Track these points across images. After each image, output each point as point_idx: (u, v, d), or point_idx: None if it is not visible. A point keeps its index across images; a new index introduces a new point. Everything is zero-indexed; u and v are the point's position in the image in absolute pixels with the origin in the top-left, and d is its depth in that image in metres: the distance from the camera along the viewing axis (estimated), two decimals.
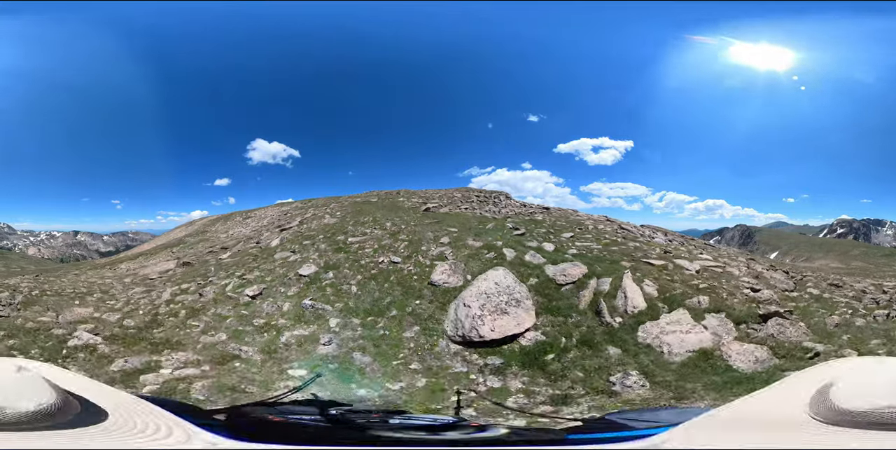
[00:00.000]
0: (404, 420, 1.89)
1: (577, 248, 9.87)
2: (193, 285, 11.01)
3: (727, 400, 4.99)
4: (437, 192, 28.56)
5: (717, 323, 7.06)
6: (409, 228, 12.68)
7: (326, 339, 6.65)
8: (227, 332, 7.61)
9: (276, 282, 9.58)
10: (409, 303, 7.64)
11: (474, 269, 8.20)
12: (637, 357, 6.03)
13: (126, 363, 6.76)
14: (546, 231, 12.27)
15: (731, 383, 5.41)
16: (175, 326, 8.24)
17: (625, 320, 6.81)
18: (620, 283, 7.52)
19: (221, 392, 5.33)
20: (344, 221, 16.28)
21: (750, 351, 6.37)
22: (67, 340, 7.70)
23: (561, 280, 7.81)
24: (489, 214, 19.78)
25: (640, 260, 9.27)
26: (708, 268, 10.04)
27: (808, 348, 6.58)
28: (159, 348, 7.33)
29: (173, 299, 10.10)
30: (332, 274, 9.39)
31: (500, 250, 8.95)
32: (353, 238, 12.10)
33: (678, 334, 6.56)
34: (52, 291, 11.85)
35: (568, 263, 8.38)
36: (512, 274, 7.54)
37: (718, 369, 5.87)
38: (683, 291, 7.84)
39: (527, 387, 5.47)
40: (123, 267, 21.88)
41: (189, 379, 5.83)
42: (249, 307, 8.59)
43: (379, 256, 9.92)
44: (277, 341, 6.97)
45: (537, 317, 6.79)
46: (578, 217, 18.21)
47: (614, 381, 5.47)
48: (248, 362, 6.30)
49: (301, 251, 11.79)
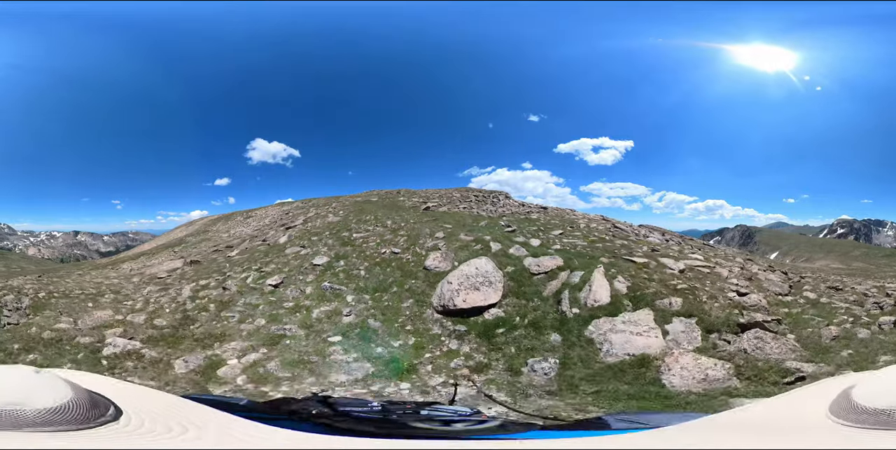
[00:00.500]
0: (431, 412, 2.00)
1: (561, 244, 10.24)
2: (213, 281, 11.26)
3: (610, 411, 4.85)
4: (436, 191, 28.71)
5: (682, 328, 6.55)
6: (409, 225, 13.48)
7: (347, 311, 8.04)
8: (264, 317, 8.35)
9: (293, 272, 10.48)
10: (406, 282, 8.83)
11: (462, 257, 8.98)
12: (571, 348, 6.23)
13: (187, 363, 6.82)
14: (536, 229, 12.60)
15: (637, 398, 5.19)
16: (210, 319, 8.65)
17: (581, 312, 6.90)
18: (591, 276, 7.51)
19: (293, 366, 6.36)
20: (347, 219, 16.82)
21: (703, 367, 5.68)
22: (100, 348, 7.22)
23: (535, 270, 8.20)
24: (486, 213, 19.98)
25: (621, 257, 9.14)
26: (694, 268, 9.54)
27: (789, 369, 5.65)
28: (206, 343, 7.61)
29: (196, 295, 10.28)
30: (342, 263, 10.54)
31: (487, 244, 9.78)
32: (357, 234, 13.05)
33: (627, 335, 6.32)
34: (60, 293, 11.40)
35: (547, 256, 8.73)
36: (493, 262, 8.24)
37: (642, 381, 5.57)
38: (657, 291, 7.43)
39: (471, 352, 6.45)
40: (126, 267, 22.01)
41: (259, 363, 6.64)
42: (275, 294, 9.42)
43: (381, 248, 11.02)
44: (310, 318, 8.06)
45: (504, 298, 7.42)
46: (573, 216, 18.42)
47: (530, 363, 5.96)
48: (294, 338, 7.34)
49: (310, 246, 12.72)
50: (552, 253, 8.97)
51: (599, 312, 6.83)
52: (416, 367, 6.06)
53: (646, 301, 7.06)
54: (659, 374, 5.71)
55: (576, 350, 6.20)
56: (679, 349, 6.14)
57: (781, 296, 9.73)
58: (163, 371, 6.66)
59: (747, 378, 5.53)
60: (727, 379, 5.58)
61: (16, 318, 8.93)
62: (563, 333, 6.55)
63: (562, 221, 15.97)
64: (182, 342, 7.72)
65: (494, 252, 9.19)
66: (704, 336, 6.52)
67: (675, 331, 6.49)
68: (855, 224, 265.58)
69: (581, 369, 5.90)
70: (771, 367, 5.69)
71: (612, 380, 5.65)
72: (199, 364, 6.86)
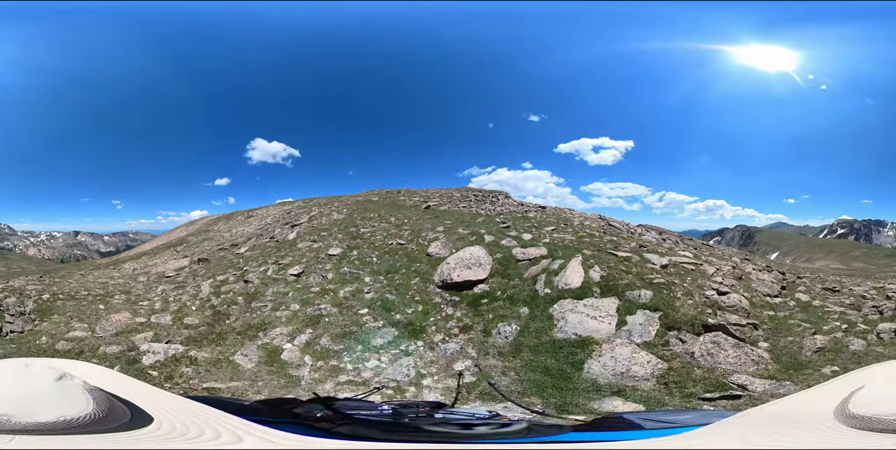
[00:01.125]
0: (447, 414, 1.96)
1: (551, 238, 10.86)
2: (230, 276, 11.47)
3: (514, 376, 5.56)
4: (436, 191, 28.90)
5: (641, 321, 6.62)
6: (411, 221, 14.63)
7: (367, 289, 9.18)
8: (297, 302, 8.99)
9: (311, 262, 11.28)
10: (412, 265, 10.10)
11: (459, 247, 10.05)
12: (532, 320, 6.93)
13: (248, 357, 6.85)
14: (530, 225, 13.13)
15: (548, 374, 5.67)
16: (243, 311, 8.90)
17: (552, 293, 7.47)
18: (568, 264, 8.09)
19: (341, 338, 7.30)
20: (352, 216, 17.50)
21: (632, 361, 5.71)
22: (137, 357, 6.82)
23: (520, 257, 9.17)
24: (485, 211, 20.18)
25: (605, 250, 9.42)
26: (678, 264, 9.55)
27: (728, 384, 5.16)
28: (250, 334, 7.78)
29: (218, 290, 10.40)
30: (355, 252, 11.70)
31: (482, 236, 10.95)
32: (364, 229, 14.20)
33: (582, 316, 6.64)
34: (65, 295, 10.99)
35: (534, 247, 9.62)
36: (485, 250, 9.42)
37: (570, 360, 5.93)
38: (630, 283, 7.60)
39: (461, 317, 7.69)
40: (128, 266, 22.09)
41: (312, 342, 7.32)
42: (299, 282, 10.11)
43: (388, 240, 12.30)
44: (338, 297, 8.99)
45: (490, 277, 8.59)
46: (569, 215, 18.63)
47: (499, 327, 6.94)
48: (331, 315, 8.22)
49: (321, 240, 13.57)
50: (539, 245, 9.73)
51: (567, 294, 7.28)
52: (424, 328, 7.45)
53: (616, 291, 7.32)
54: (588, 357, 5.97)
55: (535, 322, 6.86)
56: (624, 339, 6.24)
57: (769, 297, 9.26)
58: (233, 371, 6.60)
59: (666, 383, 5.40)
60: (645, 379, 5.54)
61: (20, 324, 8.00)
62: (532, 307, 7.28)
63: (557, 219, 16.20)
64: (225, 338, 7.75)
65: (487, 243, 10.26)
66: (662, 332, 6.52)
67: (633, 322, 6.62)
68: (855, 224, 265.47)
69: (532, 338, 6.55)
70: (706, 378, 5.44)
71: (548, 353, 6.19)
72: (258, 355, 6.98)
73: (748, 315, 7.76)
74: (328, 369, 6.48)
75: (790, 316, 7.96)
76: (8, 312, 8.47)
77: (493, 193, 28.23)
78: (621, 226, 16.78)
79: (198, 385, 6.17)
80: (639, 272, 8.25)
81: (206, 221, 39.34)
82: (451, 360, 6.48)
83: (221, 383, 6.26)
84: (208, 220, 39.90)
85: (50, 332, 7.90)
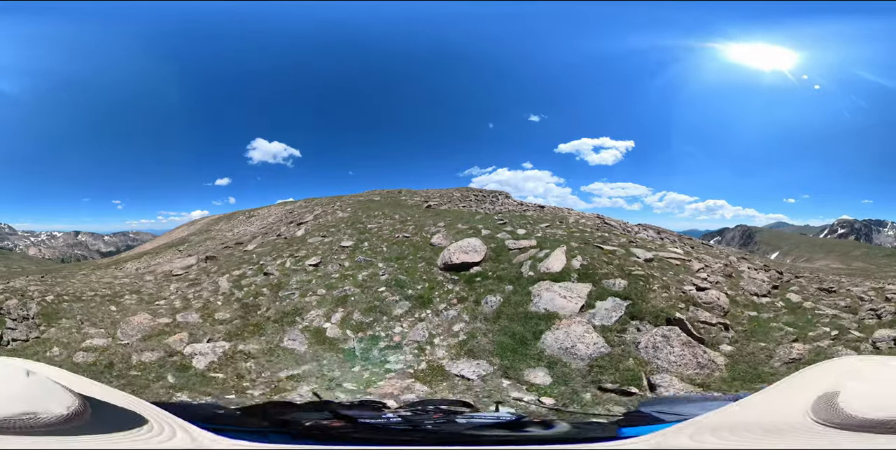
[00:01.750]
0: (469, 419, 1.90)
1: (544, 233, 11.67)
2: (247, 271, 11.80)
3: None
4: (437, 191, 29.09)
5: (608, 306, 7.01)
6: (414, 218, 15.67)
7: (381, 272, 10.09)
8: (322, 287, 9.67)
9: (327, 253, 12.03)
10: (418, 253, 11.06)
11: (458, 238, 11.16)
12: (514, 295, 7.94)
13: (296, 341, 7.32)
14: (526, 222, 13.85)
15: (512, 338, 6.61)
16: (272, 301, 9.37)
17: (535, 275, 8.42)
18: (552, 252, 9.04)
19: (370, 311, 8.30)
20: (356, 214, 18.13)
21: (580, 341, 6.10)
22: (186, 362, 6.52)
23: (512, 246, 10.16)
24: (484, 210, 20.37)
25: (592, 244, 10.08)
26: (664, 259, 9.73)
27: (644, 385, 5.15)
28: (286, 321, 8.24)
29: (238, 284, 10.64)
30: (366, 244, 12.63)
31: (479, 230, 12.07)
32: (370, 225, 15.16)
33: (555, 295, 7.44)
34: (70, 296, 10.41)
35: (525, 239, 10.64)
36: (480, 240, 10.45)
37: (532, 329, 6.78)
38: (608, 272, 8.12)
39: (459, 291, 8.74)
40: (130, 266, 22.19)
41: (347, 318, 8.20)
42: (319, 271, 10.77)
43: (395, 234, 13.38)
44: (358, 280, 9.81)
45: (484, 261, 9.67)
46: (566, 214, 18.90)
47: (486, 298, 8.01)
48: (356, 295, 9.06)
49: (331, 235, 14.31)
50: (531, 238, 10.73)
51: (547, 277, 8.18)
52: (431, 299, 8.58)
53: (592, 278, 7.97)
54: (547, 329, 6.65)
55: (516, 297, 7.83)
56: (583, 320, 6.74)
57: (757, 297, 9.02)
58: (292, 356, 6.92)
59: (593, 366, 5.80)
60: (581, 359, 6.00)
61: (24, 330, 7.07)
62: (515, 285, 8.23)
63: (553, 217, 16.59)
64: (264, 327, 7.99)
65: (484, 236, 11.33)
66: (625, 319, 6.78)
67: (601, 307, 7.10)
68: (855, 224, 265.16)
69: (510, 308, 7.56)
70: (631, 369, 5.60)
71: (519, 322, 7.09)
72: (305, 338, 7.47)
73: (724, 314, 7.55)
74: (368, 339, 7.51)
75: (775, 318, 7.62)
76: (9, 316, 7.51)
77: (493, 192, 28.43)
78: (617, 224, 16.94)
79: (272, 378, 6.23)
80: (620, 264, 8.70)
81: (207, 221, 39.41)
82: (452, 323, 7.70)
83: (291, 370, 6.46)
84: (209, 219, 39.97)
85: (62, 340, 7.12)
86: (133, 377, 5.94)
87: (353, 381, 6.13)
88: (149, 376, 6.06)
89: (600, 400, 5.14)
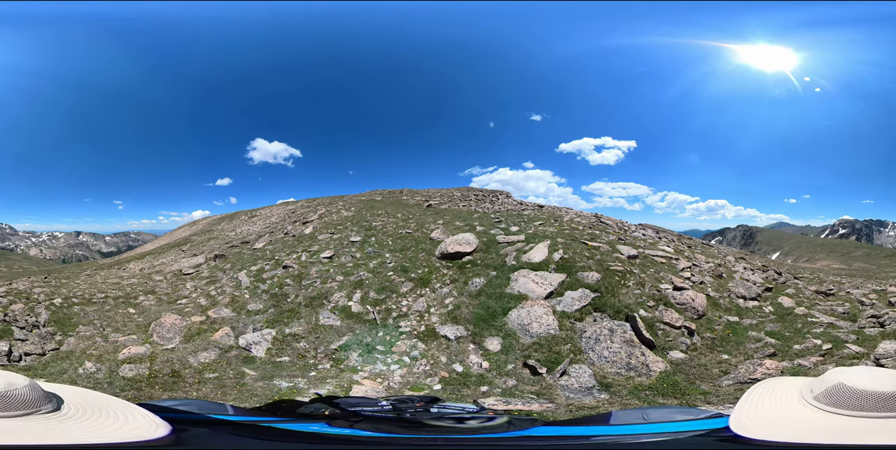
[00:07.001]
0: (441, 409, 2.18)
1: (535, 230, 12.40)
2: (265, 265, 12.78)
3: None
4: (438, 191, 29.28)
5: (576, 296, 7.64)
6: (416, 217, 17.00)
7: (388, 261, 11.34)
8: (339, 274, 10.82)
9: (338, 247, 13.15)
10: (419, 246, 12.13)
11: (455, 233, 12.13)
12: (496, 278, 8.94)
13: (330, 319, 8.35)
14: (521, 220, 14.59)
15: (487, 312, 7.65)
16: (298, 289, 10.32)
17: (517, 264, 9.31)
18: (536, 246, 9.91)
19: (382, 290, 9.65)
20: (361, 213, 19.05)
21: (536, 322, 6.78)
22: (246, 356, 6.80)
23: (501, 240, 11.10)
24: (483, 209, 20.50)
25: (578, 240, 10.73)
26: (649, 256, 10.09)
27: (547, 381, 5.21)
28: (315, 303, 9.31)
29: (259, 278, 11.66)
30: (373, 239, 13.82)
31: (474, 227, 13.23)
32: (375, 223, 16.32)
33: (530, 281, 8.30)
34: (79, 298, 10.46)
35: (515, 235, 11.46)
36: (474, 235, 11.41)
37: (503, 307, 7.73)
38: (586, 265, 8.88)
39: (452, 275, 9.77)
40: (133, 266, 22.28)
41: (365, 296, 9.50)
42: (333, 262, 11.90)
43: (398, 230, 14.67)
44: (370, 267, 11.03)
45: (475, 252, 10.63)
46: (563, 213, 19.03)
47: (473, 280, 9.11)
48: (369, 279, 10.28)
49: (339, 232, 15.41)
50: (521, 234, 11.55)
51: (527, 266, 9.06)
52: (430, 280, 9.69)
53: (569, 270, 8.59)
54: (513, 307, 7.53)
55: (497, 280, 8.85)
56: (546, 303, 7.39)
57: (743, 300, 8.76)
58: (333, 331, 8.03)
59: (534, 344, 6.45)
60: (531, 336, 6.64)
61: (37, 342, 5.68)
62: (499, 271, 9.26)
63: (549, 215, 16.86)
64: (298, 312, 8.94)
65: (478, 231, 12.34)
66: (587, 310, 7.25)
67: (568, 295, 7.68)
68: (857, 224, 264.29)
69: (490, 289, 8.59)
70: (559, 353, 6.17)
71: (495, 299, 8.10)
72: (336, 315, 8.69)
73: (699, 317, 7.37)
74: (384, 311, 8.88)
75: (758, 325, 7.25)
76: (16, 324, 6.18)
77: (493, 192, 28.59)
78: (613, 223, 17.03)
79: (327, 350, 7.24)
80: (601, 259, 9.37)
81: (208, 221, 39.57)
82: (444, 298, 8.90)
83: (337, 341, 7.59)
84: (211, 220, 40.13)
85: (90, 352, 6.07)
86: (213, 380, 5.45)
87: (380, 343, 7.42)
88: (227, 374, 5.71)
89: (514, 373, 5.88)
